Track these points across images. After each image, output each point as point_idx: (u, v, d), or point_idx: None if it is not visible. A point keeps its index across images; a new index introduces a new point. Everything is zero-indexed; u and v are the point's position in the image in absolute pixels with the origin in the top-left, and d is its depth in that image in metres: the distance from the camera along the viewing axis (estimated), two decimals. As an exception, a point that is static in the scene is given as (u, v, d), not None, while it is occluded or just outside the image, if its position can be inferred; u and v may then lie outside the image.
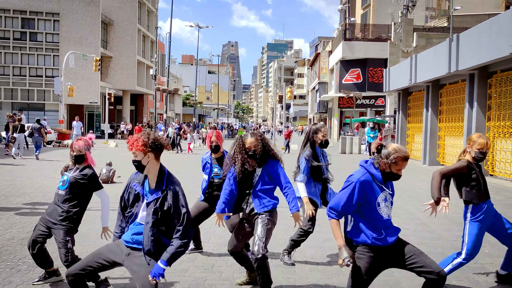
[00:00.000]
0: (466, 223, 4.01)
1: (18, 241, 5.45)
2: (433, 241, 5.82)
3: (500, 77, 12.46)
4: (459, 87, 14.95)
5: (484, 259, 5.00)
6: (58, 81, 28.38)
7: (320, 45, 50.44)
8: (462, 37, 13.13)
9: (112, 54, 42.08)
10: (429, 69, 15.61)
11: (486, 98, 12.96)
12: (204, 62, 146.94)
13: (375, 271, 3.03)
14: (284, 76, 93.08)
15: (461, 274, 4.41)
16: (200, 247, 5.18)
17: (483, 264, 4.88)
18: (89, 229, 5.98)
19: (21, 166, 13.63)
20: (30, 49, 37.70)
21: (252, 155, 3.73)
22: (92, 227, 6.09)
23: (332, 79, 37.46)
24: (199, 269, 4.57)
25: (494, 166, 12.72)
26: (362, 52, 31.35)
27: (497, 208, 7.70)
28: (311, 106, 53.24)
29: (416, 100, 19.18)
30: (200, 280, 4.22)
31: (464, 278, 4.38)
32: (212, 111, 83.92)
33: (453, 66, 13.39)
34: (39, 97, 37.92)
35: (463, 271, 4.40)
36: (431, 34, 25.44)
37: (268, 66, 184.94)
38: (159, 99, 49.56)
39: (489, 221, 4.02)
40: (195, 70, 55.02)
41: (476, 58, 12.11)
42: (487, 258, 5.07)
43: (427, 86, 16.81)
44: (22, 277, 4.20)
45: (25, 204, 7.84)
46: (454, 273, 4.23)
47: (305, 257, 5.03)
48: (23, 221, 6.51)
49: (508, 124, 11.94)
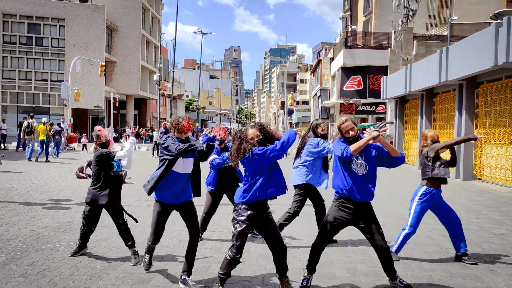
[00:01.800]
0: (414, 201, 4.98)
1: (52, 229, 6.25)
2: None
3: (486, 88, 13.07)
4: (450, 96, 15.54)
5: (449, 245, 5.66)
6: (65, 85, 28.87)
7: (322, 51, 50.92)
8: (451, 50, 13.78)
9: (116, 59, 42.65)
10: (423, 78, 16.19)
11: (474, 107, 13.57)
12: (206, 67, 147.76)
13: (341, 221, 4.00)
14: (287, 82, 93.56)
15: (438, 266, 4.78)
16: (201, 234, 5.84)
17: (447, 248, 5.64)
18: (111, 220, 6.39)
19: (35, 168, 14.19)
20: (36, 53, 38.28)
21: (260, 142, 3.84)
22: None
23: (334, 85, 37.87)
24: (208, 250, 5.40)
25: (482, 171, 13.29)
26: (363, 59, 31.73)
27: (475, 207, 8.20)
28: (313, 112, 53.65)
29: (412, 108, 19.66)
30: (209, 259, 5.04)
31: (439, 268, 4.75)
32: (215, 116, 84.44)
33: (443, 76, 14.01)
34: (44, 101, 38.44)
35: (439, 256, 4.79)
36: (431, 43, 25.81)
37: (271, 71, 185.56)
38: (162, 104, 50.02)
39: (431, 203, 4.98)
40: (198, 75, 55.62)
41: (463, 69, 12.74)
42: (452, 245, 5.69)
43: (422, 94, 17.39)
44: (62, 254, 5.07)
45: (49, 200, 8.59)
46: (435, 263, 4.67)
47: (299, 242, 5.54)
48: (51, 214, 7.31)
49: (493, 131, 12.54)
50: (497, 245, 5.86)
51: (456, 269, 4.78)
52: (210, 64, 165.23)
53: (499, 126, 12.32)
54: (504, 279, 4.50)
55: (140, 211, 7.65)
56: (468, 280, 4.45)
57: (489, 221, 7.44)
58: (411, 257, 5.20)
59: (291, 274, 4.50)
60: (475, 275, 4.58)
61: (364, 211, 3.99)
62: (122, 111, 45.28)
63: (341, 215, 4.01)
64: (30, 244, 5.44)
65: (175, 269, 4.62)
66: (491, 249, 5.65)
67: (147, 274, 4.47)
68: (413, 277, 4.50)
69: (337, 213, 4.02)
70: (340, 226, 4.05)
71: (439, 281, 4.39)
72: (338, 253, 5.29)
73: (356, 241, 5.77)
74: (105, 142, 4.94)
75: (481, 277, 4.52)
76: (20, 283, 4.13)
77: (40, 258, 4.89)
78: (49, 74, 38.51)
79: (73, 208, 7.88)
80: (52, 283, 4.14)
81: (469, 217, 7.68)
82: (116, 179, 4.91)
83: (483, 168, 13.25)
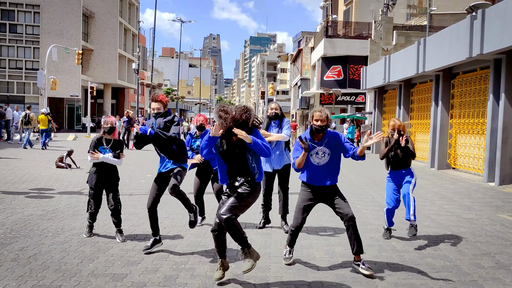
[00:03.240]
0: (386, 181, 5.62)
1: (37, 217, 6.31)
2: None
3: (462, 79, 13.50)
4: (428, 87, 15.94)
5: (421, 229, 6.12)
6: (41, 74, 28.16)
7: (303, 40, 51.06)
8: (428, 41, 14.13)
9: (93, 47, 41.74)
10: (401, 69, 16.54)
11: (450, 97, 13.99)
12: (185, 55, 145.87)
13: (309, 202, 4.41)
14: (267, 71, 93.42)
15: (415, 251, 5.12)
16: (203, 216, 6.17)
17: (419, 232, 5.90)
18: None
19: (13, 157, 13.97)
20: (10, 41, 37.11)
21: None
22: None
23: (314, 75, 38.16)
24: (193, 235, 5.55)
25: (455, 160, 13.77)
26: (343, 49, 31.99)
27: (447, 194, 8.61)
28: (294, 102, 53.95)
29: (391, 98, 20.05)
30: (195, 243, 5.19)
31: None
32: (194, 106, 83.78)
33: (421, 67, 14.39)
34: (19, 89, 37.42)
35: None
36: (411, 33, 26.22)
37: (251, 60, 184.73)
38: (140, 93, 49.38)
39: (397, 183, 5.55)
40: (176, 63, 55.03)
41: (440, 60, 13.12)
42: (424, 228, 6.19)
43: (400, 85, 17.74)
44: (51, 240, 5.15)
45: (32, 189, 8.57)
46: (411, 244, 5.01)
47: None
48: (35, 202, 7.34)
49: (467, 121, 13.02)
50: (465, 228, 6.25)
51: (426, 250, 5.11)
52: (189, 53, 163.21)
53: (473, 116, 12.79)
54: (470, 258, 4.85)
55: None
56: (437, 259, 4.77)
57: (460, 207, 7.86)
58: (386, 241, 5.52)
59: (273, 256, 4.74)
60: (444, 255, 4.92)
61: (327, 192, 4.41)
62: (100, 101, 44.47)
63: (307, 197, 4.45)
64: (18, 231, 5.51)
65: (163, 252, 4.79)
66: (460, 232, 6.03)
67: (136, 256, 4.63)
68: (386, 258, 4.81)
69: (304, 196, 4.48)
70: (309, 207, 4.46)
71: (410, 261, 4.70)
72: (318, 238, 5.57)
73: (335, 228, 6.06)
74: (110, 127, 5.33)
75: (449, 257, 4.86)
76: (13, 266, 4.24)
77: (29, 243, 4.99)
78: (24, 62, 37.44)
79: (56, 197, 7.88)
80: (44, 266, 4.26)
81: (441, 204, 8.10)
82: (105, 163, 5.32)
83: (457, 158, 13.73)
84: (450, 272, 4.39)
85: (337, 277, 4.19)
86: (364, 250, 5.02)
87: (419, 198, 8.28)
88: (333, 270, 4.39)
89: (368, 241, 5.46)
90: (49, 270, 4.16)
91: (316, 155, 4.37)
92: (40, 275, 4.01)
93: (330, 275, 4.23)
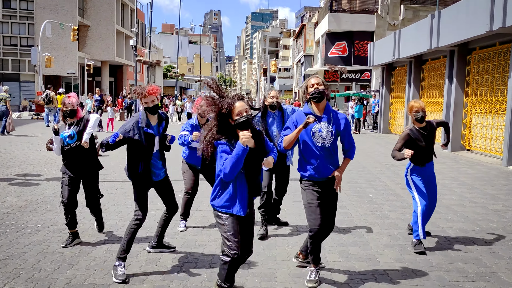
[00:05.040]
0: (408, 178, 4.61)
1: (17, 208, 5.77)
2: (403, 209, 6.22)
3: (478, 54, 12.70)
4: (440, 63, 15.18)
5: (445, 224, 5.49)
6: (35, 51, 27.26)
7: (306, 16, 49.58)
8: (443, 14, 13.27)
9: (90, 23, 40.52)
10: (412, 44, 15.74)
11: (465, 75, 13.23)
12: (185, 31, 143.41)
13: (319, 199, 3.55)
14: (269, 48, 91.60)
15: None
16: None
17: (443, 227, 5.34)
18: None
19: (3, 139, 13.36)
20: (4, 17, 35.99)
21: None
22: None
23: (318, 52, 37.07)
24: (189, 232, 4.98)
25: (470, 141, 13.11)
26: (348, 24, 30.92)
27: (467, 181, 7.91)
28: (297, 79, 52.86)
29: (400, 76, 19.27)
30: (191, 242, 4.64)
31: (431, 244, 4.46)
32: (194, 84, 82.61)
33: (434, 42, 13.57)
34: (14, 67, 36.53)
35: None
36: (419, 7, 25.17)
37: (252, 37, 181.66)
38: (139, 71, 48.35)
39: (425, 179, 4.55)
40: (176, 40, 53.57)
41: (455, 35, 12.29)
42: (448, 223, 5.52)
43: (410, 61, 16.99)
44: (28, 239, 4.61)
45: (16, 175, 8.00)
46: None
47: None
48: (18, 191, 6.77)
49: (484, 100, 12.24)
50: (494, 223, 5.58)
51: (455, 252, 4.46)
52: (189, 29, 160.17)
53: (490, 94, 12.04)
54: (507, 262, 4.21)
55: (115, 187, 7.11)
56: (469, 264, 4.14)
57: (483, 196, 7.19)
58: (408, 239, 4.85)
59: (279, 260, 4.11)
60: (476, 258, 4.28)
61: (329, 188, 3.61)
62: (97, 78, 43.53)
63: (315, 192, 3.59)
64: (-8, 228, 4.93)
65: (152, 256, 4.16)
66: (489, 227, 5.37)
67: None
68: (410, 262, 4.17)
69: (312, 190, 3.60)
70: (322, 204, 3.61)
71: (438, 266, 4.06)
72: (329, 237, 4.89)
73: (348, 226, 5.40)
74: (73, 109, 4.44)
75: (483, 261, 4.22)
76: (-25, 277, 3.65)
77: (3, 243, 4.46)
78: (18, 39, 36.41)
79: (42, 184, 7.34)
80: (15, 274, 3.71)
81: (462, 192, 7.42)
82: (71, 152, 4.47)
83: (472, 139, 13.06)
84: (487, 281, 3.77)
85: (355, 285, 3.60)
86: (383, 252, 4.41)
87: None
88: (350, 276, 3.81)
89: (386, 239, 4.81)
90: (20, 278, 3.63)
91: (320, 134, 3.45)
92: (8, 286, 3.47)
93: (346, 283, 3.64)
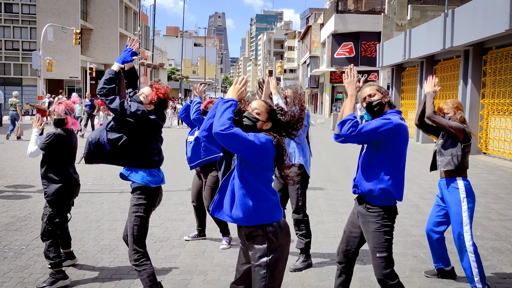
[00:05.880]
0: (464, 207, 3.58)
1: (3, 226, 5.24)
2: (425, 223, 5.36)
3: (495, 54, 12.16)
4: (454, 64, 14.65)
5: (476, 241, 4.58)
6: (37, 55, 26.95)
7: (312, 17, 49.10)
8: (457, 13, 12.76)
9: (93, 27, 40.26)
10: (423, 44, 15.25)
11: (481, 75, 12.71)
12: (189, 34, 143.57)
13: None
14: (274, 49, 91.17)
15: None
16: (203, 234, 4.88)
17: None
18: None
19: (0, 144, 13.02)
20: (6, 21, 35.82)
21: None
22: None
23: (324, 53, 36.54)
24: (190, 254, 4.42)
25: (487, 144, 12.58)
26: (355, 25, 30.42)
27: (489, 188, 7.22)
28: (302, 80, 52.29)
29: (410, 76, 18.74)
30: (191, 266, 4.10)
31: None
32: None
33: (448, 42, 13.07)
34: (16, 71, 36.34)
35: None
36: (426, 7, 24.60)
37: (257, 39, 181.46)
38: (143, 74, 48.06)
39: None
40: (181, 43, 53.23)
41: (471, 34, 11.76)
42: (478, 240, 4.75)
43: (421, 62, 16.51)
44: (9, 265, 4.09)
45: (7, 186, 7.53)
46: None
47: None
48: (7, 205, 6.27)
49: (502, 102, 11.72)
50: (532, 241, 4.97)
51: (493, 278, 3.86)
52: (194, 32, 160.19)
53: (509, 95, 11.43)
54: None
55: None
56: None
57: (511, 207, 6.57)
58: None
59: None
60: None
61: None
62: (101, 82, 43.29)
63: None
64: (-31, 253, 4.40)
65: None
66: (527, 246, 4.76)
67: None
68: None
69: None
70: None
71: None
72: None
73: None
74: (60, 119, 3.84)
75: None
76: None
77: None
78: (20, 43, 36.23)
79: (33, 197, 6.83)
80: None
81: (487, 202, 6.81)
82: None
83: (489, 142, 12.46)
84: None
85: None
86: (411, 279, 3.82)
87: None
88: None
89: (412, 262, 4.24)
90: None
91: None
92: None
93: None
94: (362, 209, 2.85)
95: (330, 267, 4.10)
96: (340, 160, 11.51)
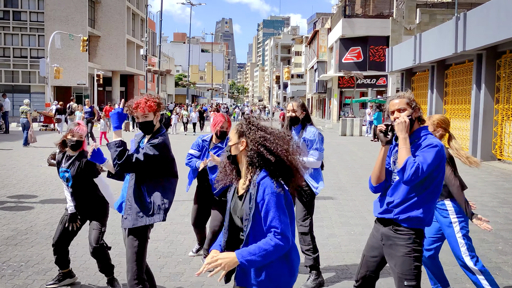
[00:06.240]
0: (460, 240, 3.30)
1: (3, 241, 5.02)
2: None
3: (509, 58, 11.87)
4: (466, 68, 14.33)
5: (498, 257, 4.54)
6: (44, 62, 27.06)
7: (319, 22, 48.94)
8: (469, 16, 12.48)
9: (100, 34, 40.40)
10: (434, 49, 14.98)
11: (495, 80, 12.39)
12: (197, 40, 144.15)
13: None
14: (281, 54, 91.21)
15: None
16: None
17: (497, 263, 4.40)
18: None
19: (6, 152, 12.88)
20: (14, 28, 36.05)
21: None
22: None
23: (332, 58, 36.30)
24: (195, 271, 4.07)
25: (502, 150, 12.27)
26: (362, 29, 30.16)
27: (508, 197, 6.88)
28: (310, 85, 52.06)
29: (420, 81, 18.42)
30: (197, 284, 3.93)
31: None
32: (206, 92, 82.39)
33: (460, 46, 12.78)
34: (24, 79, 36.50)
35: None
36: (435, 10, 24.32)
37: (264, 44, 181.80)
38: (150, 80, 48.15)
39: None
40: (188, 49, 53.35)
41: (484, 38, 11.47)
42: (501, 256, 4.55)
43: (432, 66, 16.22)
44: (6, 284, 3.89)
45: (10, 197, 7.34)
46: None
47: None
48: (8, 217, 6.05)
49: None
50: (561, 257, 4.64)
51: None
52: (201, 38, 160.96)
53: (524, 100, 11.08)
54: None
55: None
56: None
57: (534, 218, 6.24)
58: (456, 281, 3.95)
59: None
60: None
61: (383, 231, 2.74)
62: (108, 88, 43.31)
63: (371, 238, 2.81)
64: (-36, 271, 4.20)
65: None
66: (557, 264, 4.43)
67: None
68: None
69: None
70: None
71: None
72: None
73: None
74: (77, 141, 3.73)
75: None
76: None
77: None
78: (29, 50, 36.41)
79: (35, 208, 6.63)
80: None
81: (506, 213, 6.48)
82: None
83: (503, 148, 12.11)
84: None
85: None
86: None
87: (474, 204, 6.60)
88: None
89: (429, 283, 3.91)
90: None
91: (395, 165, 2.60)
92: None
93: None
94: (388, 231, 2.53)
95: (344, 284, 3.82)
96: (350, 167, 11.22)
